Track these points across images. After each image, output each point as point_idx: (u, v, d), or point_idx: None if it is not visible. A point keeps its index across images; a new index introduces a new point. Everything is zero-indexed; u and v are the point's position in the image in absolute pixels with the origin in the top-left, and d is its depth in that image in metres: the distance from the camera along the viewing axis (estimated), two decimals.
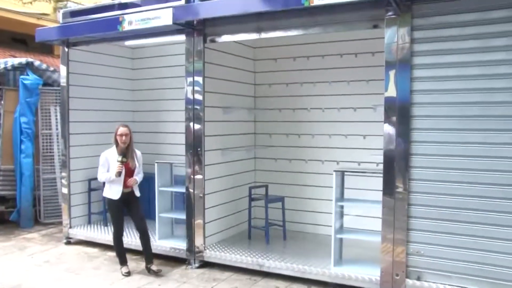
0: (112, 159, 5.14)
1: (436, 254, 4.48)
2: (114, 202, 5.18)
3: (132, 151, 5.25)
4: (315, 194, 6.57)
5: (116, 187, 5.17)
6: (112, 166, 5.14)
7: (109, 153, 5.22)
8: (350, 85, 6.27)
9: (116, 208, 5.21)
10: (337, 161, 6.37)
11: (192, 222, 5.72)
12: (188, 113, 5.64)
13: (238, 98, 6.57)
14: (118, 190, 5.17)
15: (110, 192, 5.21)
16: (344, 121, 6.34)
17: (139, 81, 7.80)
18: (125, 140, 5.13)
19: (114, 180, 5.12)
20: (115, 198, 5.17)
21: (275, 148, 6.89)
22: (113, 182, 5.17)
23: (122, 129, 5.16)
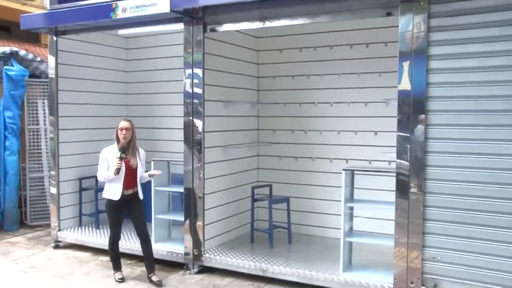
0: (112, 156, 5.06)
1: (455, 260, 4.44)
2: (113, 203, 5.11)
3: (134, 148, 5.15)
4: (323, 194, 6.58)
5: (115, 187, 5.08)
6: (112, 163, 5.05)
7: (110, 150, 5.14)
8: (361, 78, 6.26)
9: (115, 210, 5.13)
10: (346, 159, 6.38)
11: (190, 224, 5.72)
12: (187, 108, 5.65)
13: (240, 91, 6.58)
14: (117, 190, 5.07)
15: (110, 192, 5.13)
16: (354, 116, 6.33)
17: (134, 73, 7.79)
18: (126, 135, 5.04)
19: (113, 179, 5.03)
20: (115, 198, 5.08)
21: (279, 145, 6.89)
22: (112, 182, 5.08)
23: (123, 123, 5.09)
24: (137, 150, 5.19)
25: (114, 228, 5.19)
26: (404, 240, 4.55)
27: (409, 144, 4.47)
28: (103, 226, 7.01)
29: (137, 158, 5.13)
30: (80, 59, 7.02)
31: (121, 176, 5.05)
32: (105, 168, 5.09)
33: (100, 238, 6.52)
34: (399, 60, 4.45)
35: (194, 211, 5.70)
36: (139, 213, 5.21)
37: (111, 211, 5.15)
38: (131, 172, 5.12)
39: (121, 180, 5.06)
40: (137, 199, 5.20)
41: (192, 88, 5.59)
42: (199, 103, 5.59)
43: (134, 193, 5.17)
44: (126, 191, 5.09)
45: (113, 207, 5.12)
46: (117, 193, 5.07)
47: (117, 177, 5.04)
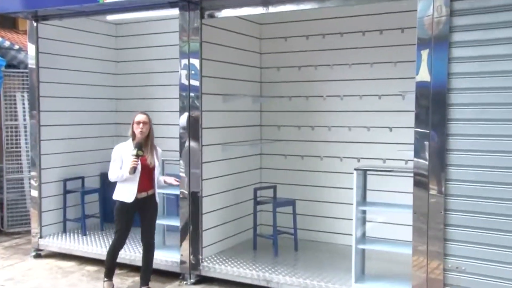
0: (127, 154, 4.94)
1: (480, 270, 4.39)
2: (125, 206, 4.95)
3: (152, 145, 5.05)
4: (332, 196, 6.57)
5: (129, 188, 4.95)
6: (126, 162, 4.93)
7: (124, 147, 5.01)
8: (374, 68, 6.25)
9: (125, 214, 4.97)
10: (358, 158, 6.37)
11: (187, 230, 5.70)
12: (183, 102, 5.64)
13: (241, 83, 6.57)
14: (132, 191, 4.94)
15: (122, 194, 4.98)
16: (366, 110, 6.32)
17: (124, 64, 7.76)
18: (143, 130, 4.95)
19: (128, 178, 4.91)
20: (128, 201, 4.95)
21: (284, 143, 6.88)
22: (126, 182, 4.94)
23: (140, 116, 5.00)
24: (154, 147, 5.09)
25: (121, 235, 5.05)
26: (423, 247, 4.51)
27: (428, 141, 4.45)
28: (90, 233, 7.00)
29: (154, 156, 5.03)
30: (64, 48, 6.98)
31: (136, 176, 4.93)
32: (117, 167, 4.96)
33: (87, 245, 6.49)
34: (417, 48, 4.42)
35: (191, 215, 5.69)
36: (151, 219, 5.13)
37: (121, 215, 5.01)
38: (148, 171, 5.01)
39: (136, 181, 4.94)
40: (152, 203, 5.10)
41: (189, 80, 5.57)
42: (196, 97, 5.57)
43: (150, 196, 5.06)
44: (141, 193, 4.98)
45: (124, 211, 4.98)
46: (131, 194, 4.94)
47: (131, 177, 4.91)
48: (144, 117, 4.99)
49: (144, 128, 4.94)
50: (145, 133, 4.96)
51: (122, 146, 5.03)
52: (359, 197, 5.19)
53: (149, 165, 4.98)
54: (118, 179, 4.95)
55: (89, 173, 7.47)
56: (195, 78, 5.56)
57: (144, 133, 4.95)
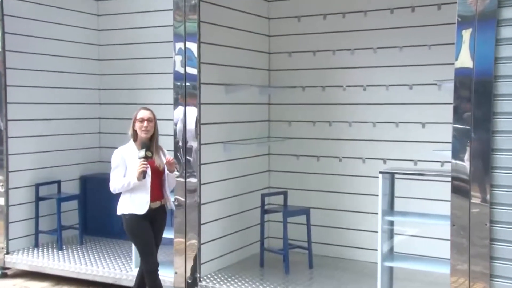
0: (131, 158, 4.86)
1: None
2: (138, 220, 4.82)
3: (157, 145, 5.00)
4: (354, 204, 6.54)
5: (140, 197, 4.83)
6: (131, 167, 4.83)
7: (126, 150, 4.92)
8: (404, 52, 6.22)
9: (142, 228, 4.81)
10: (384, 159, 6.34)
11: (182, 243, 5.67)
12: (177, 93, 5.62)
13: (246, 72, 6.55)
14: (144, 201, 4.82)
15: (131, 206, 4.85)
16: (394, 103, 6.28)
17: (108, 48, 7.73)
18: (148, 128, 4.86)
19: (137, 186, 4.81)
20: (141, 212, 4.83)
21: (297, 141, 6.86)
22: (135, 190, 4.84)
23: (144, 112, 4.91)
24: (160, 148, 5.04)
25: (149, 254, 4.87)
26: (463, 267, 4.46)
27: (470, 140, 4.41)
28: (68, 247, 6.97)
29: (162, 158, 4.96)
30: (36, 28, 6.95)
31: (147, 182, 4.84)
32: (121, 174, 4.86)
33: (64, 262, 6.44)
34: (458, 27, 4.37)
35: (187, 226, 5.67)
36: (160, 234, 5.04)
37: (138, 231, 4.86)
38: (158, 176, 4.93)
39: (148, 187, 4.83)
40: (163, 214, 5.01)
41: (184, 68, 5.55)
42: (193, 87, 5.56)
43: (162, 207, 4.98)
44: (154, 202, 4.89)
45: (138, 225, 4.83)
46: (143, 205, 4.83)
47: (141, 184, 4.80)
48: (148, 113, 4.92)
49: (149, 127, 4.87)
50: (150, 133, 4.88)
51: (124, 149, 4.94)
52: (385, 205, 5.17)
53: (158, 168, 4.90)
54: (124, 188, 4.84)
55: (67, 176, 7.46)
56: (192, 65, 5.55)
57: (149, 133, 4.88)
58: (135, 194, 4.82)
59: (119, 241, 7.19)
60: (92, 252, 6.80)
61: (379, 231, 5.09)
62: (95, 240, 7.31)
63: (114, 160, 4.87)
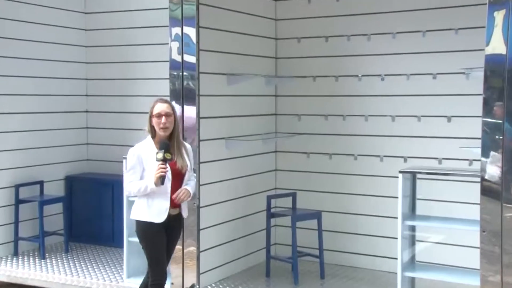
0: (149, 157, 4.78)
1: None
2: (154, 229, 4.73)
3: (179, 143, 4.90)
4: (370, 208, 6.53)
5: (159, 204, 4.75)
6: (149, 168, 4.77)
7: (142, 149, 4.84)
8: (427, 37, 6.19)
9: (156, 238, 4.75)
10: (404, 157, 6.31)
11: (179, 251, 5.60)
12: (174, 84, 5.62)
13: (250, 60, 6.55)
14: (162, 208, 4.74)
15: (148, 212, 4.77)
16: (416, 94, 6.27)
17: (96, 33, 7.75)
18: (167, 125, 4.77)
19: (155, 191, 4.73)
20: (158, 221, 4.75)
21: (307, 137, 6.86)
22: (153, 196, 4.76)
23: (161, 106, 4.80)
24: (183, 145, 4.96)
25: (159, 264, 4.82)
26: (495, 278, 4.45)
27: (502, 135, 4.41)
28: (51, 256, 6.94)
29: (184, 156, 4.88)
30: (13, 11, 6.93)
31: (167, 187, 4.76)
32: (137, 177, 4.79)
33: (47, 273, 6.42)
34: (489, 9, 4.35)
35: (185, 231, 5.55)
36: (174, 244, 4.99)
37: (152, 241, 4.78)
38: (180, 179, 4.84)
39: (168, 193, 4.76)
40: (180, 222, 4.97)
41: (182, 56, 5.55)
42: (192, 77, 5.56)
43: (179, 212, 4.90)
44: (174, 209, 4.82)
45: (154, 235, 4.77)
46: (162, 212, 4.74)
47: (160, 189, 4.73)
48: (166, 106, 4.81)
49: (168, 123, 4.77)
50: (169, 129, 4.79)
51: (140, 148, 4.85)
52: (406, 208, 5.17)
53: (181, 170, 4.81)
54: (140, 193, 4.76)
55: (51, 176, 7.46)
56: (190, 52, 5.54)
57: (168, 130, 4.78)
58: (153, 200, 4.74)
59: (108, 249, 7.20)
60: (78, 261, 6.77)
61: (399, 237, 5.09)
62: (82, 248, 7.31)
63: (130, 160, 4.80)
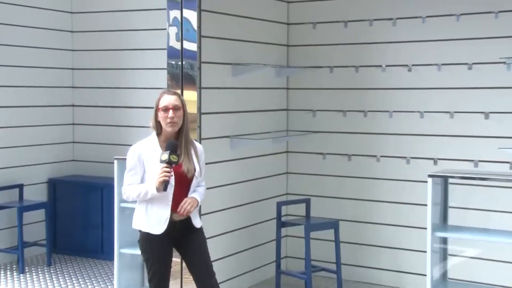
0: (150, 158, 4.74)
1: None
2: (153, 241, 4.70)
3: (188, 142, 4.83)
4: (395, 217, 6.54)
5: (158, 213, 4.72)
6: (151, 170, 4.74)
7: (144, 147, 4.79)
8: (462, 22, 6.18)
9: (158, 251, 4.72)
10: (434, 159, 6.32)
11: (178, 264, 5.61)
12: (172, 74, 5.63)
13: (259, 48, 6.58)
14: (162, 218, 4.70)
15: (147, 222, 4.75)
16: (448, 87, 6.26)
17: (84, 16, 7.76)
18: (175, 119, 4.69)
19: (156, 197, 4.70)
20: (157, 232, 4.71)
21: (322, 136, 6.87)
22: (153, 202, 4.74)
23: (169, 98, 4.72)
24: (192, 145, 4.89)
25: (159, 282, 4.77)
26: None
27: None
28: (31, 269, 6.97)
29: (192, 158, 4.82)
30: None
31: (168, 194, 4.72)
32: (137, 179, 4.75)
33: None
34: None
35: None
36: (202, 254, 4.88)
37: (151, 254, 4.75)
38: (185, 184, 4.78)
39: (169, 200, 4.70)
40: (192, 229, 4.87)
41: (181, 42, 5.56)
42: (192, 67, 5.57)
43: (188, 220, 4.83)
44: (177, 216, 4.75)
45: (155, 245, 4.73)
46: (160, 223, 4.69)
47: (162, 195, 4.68)
48: (174, 99, 4.73)
49: (176, 117, 4.68)
50: (178, 125, 4.71)
51: (142, 145, 4.80)
52: (436, 218, 5.18)
53: (186, 174, 4.74)
54: (140, 198, 4.71)
55: (31, 179, 7.50)
56: (190, 39, 5.55)
57: (176, 125, 4.70)
58: (151, 207, 4.70)
59: (97, 262, 7.23)
60: (63, 275, 6.78)
61: (428, 251, 5.08)
62: (67, 260, 7.33)
63: (129, 160, 4.75)
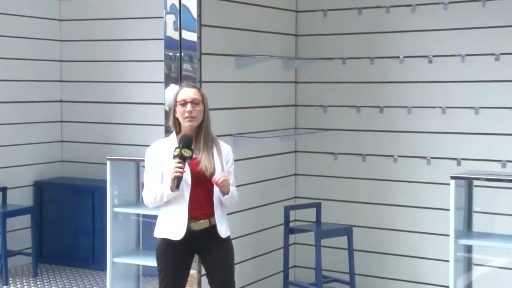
0: (167, 158, 4.72)
1: None
2: (170, 248, 4.70)
3: (208, 137, 4.82)
4: (414, 222, 6.54)
5: (176, 216, 4.71)
6: (168, 171, 4.69)
7: (162, 147, 4.81)
8: (488, 8, 6.16)
9: (173, 261, 4.72)
10: (457, 159, 6.31)
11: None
12: (169, 67, 5.68)
13: (264, 37, 6.59)
14: (180, 221, 4.70)
15: (166, 228, 4.75)
16: (473, 80, 6.26)
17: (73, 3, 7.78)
18: (193, 114, 4.69)
19: (173, 199, 4.69)
20: (175, 237, 4.69)
21: (334, 134, 6.88)
22: (170, 205, 4.73)
23: (186, 91, 4.74)
24: (213, 142, 4.87)
25: None
26: None
27: None
28: (16, 280, 7.01)
29: (214, 157, 4.80)
30: None
31: (184, 195, 4.71)
32: (156, 181, 4.77)
33: None
34: None
35: None
36: (223, 271, 4.83)
37: (166, 263, 4.74)
38: (204, 184, 4.76)
39: (185, 202, 4.70)
40: (217, 239, 4.81)
41: (180, 32, 5.58)
42: (191, 59, 5.60)
43: (212, 227, 4.79)
44: (196, 222, 4.73)
45: (170, 255, 4.72)
46: (178, 226, 4.69)
47: (177, 197, 4.68)
48: (193, 92, 4.74)
49: (194, 112, 4.68)
50: (197, 120, 4.71)
51: (160, 145, 4.83)
52: (459, 224, 5.20)
53: (204, 172, 4.71)
54: (157, 202, 4.71)
55: (16, 181, 7.52)
56: (189, 28, 5.57)
57: (195, 120, 4.70)
58: (169, 211, 4.70)
59: (87, 272, 7.26)
60: (50, 287, 6.78)
61: (450, 260, 5.10)
62: (55, 271, 7.34)
63: (146, 161, 4.79)
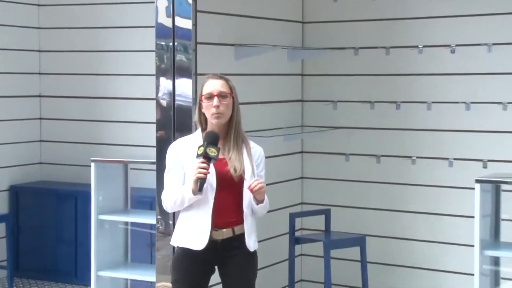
0: (190, 156, 4.69)
1: None
2: (191, 259, 4.71)
3: (238, 135, 4.80)
4: (434, 231, 6.57)
5: (197, 224, 4.70)
6: (190, 172, 4.68)
7: (185, 145, 4.80)
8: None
9: (190, 273, 4.73)
10: (483, 160, 6.33)
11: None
12: (161, 58, 5.70)
13: (267, 25, 6.61)
14: (202, 228, 4.67)
15: (186, 236, 4.75)
16: (501, 72, 6.27)
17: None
18: (221, 109, 4.66)
19: (195, 204, 4.67)
20: (197, 247, 4.67)
21: (345, 132, 6.92)
22: (191, 210, 4.72)
23: (213, 83, 4.70)
24: (245, 142, 4.86)
25: None
26: None
27: None
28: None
29: (245, 158, 4.78)
30: None
31: (208, 200, 4.68)
32: (177, 182, 4.75)
33: None
34: None
35: None
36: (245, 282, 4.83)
37: (181, 275, 4.75)
38: (231, 187, 4.75)
39: (209, 208, 4.67)
40: (243, 252, 4.80)
41: (173, 19, 5.60)
42: (186, 49, 5.62)
43: (239, 238, 4.77)
44: (219, 230, 4.71)
45: (188, 266, 4.72)
46: (200, 234, 4.68)
47: (200, 201, 4.66)
48: (221, 84, 4.70)
49: (222, 106, 4.64)
50: (225, 116, 4.68)
51: (183, 143, 4.80)
52: (485, 233, 5.27)
53: (232, 174, 4.68)
54: (177, 206, 4.69)
55: None
56: (184, 14, 5.58)
57: (223, 117, 4.67)
58: (190, 217, 4.67)
59: (69, 286, 7.28)
60: None
61: (475, 272, 5.14)
62: (32, 285, 7.37)
63: (167, 159, 4.76)
